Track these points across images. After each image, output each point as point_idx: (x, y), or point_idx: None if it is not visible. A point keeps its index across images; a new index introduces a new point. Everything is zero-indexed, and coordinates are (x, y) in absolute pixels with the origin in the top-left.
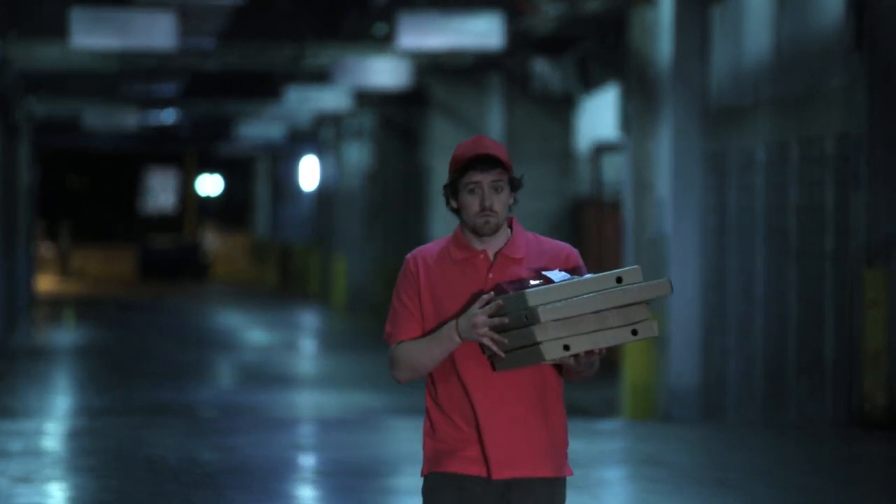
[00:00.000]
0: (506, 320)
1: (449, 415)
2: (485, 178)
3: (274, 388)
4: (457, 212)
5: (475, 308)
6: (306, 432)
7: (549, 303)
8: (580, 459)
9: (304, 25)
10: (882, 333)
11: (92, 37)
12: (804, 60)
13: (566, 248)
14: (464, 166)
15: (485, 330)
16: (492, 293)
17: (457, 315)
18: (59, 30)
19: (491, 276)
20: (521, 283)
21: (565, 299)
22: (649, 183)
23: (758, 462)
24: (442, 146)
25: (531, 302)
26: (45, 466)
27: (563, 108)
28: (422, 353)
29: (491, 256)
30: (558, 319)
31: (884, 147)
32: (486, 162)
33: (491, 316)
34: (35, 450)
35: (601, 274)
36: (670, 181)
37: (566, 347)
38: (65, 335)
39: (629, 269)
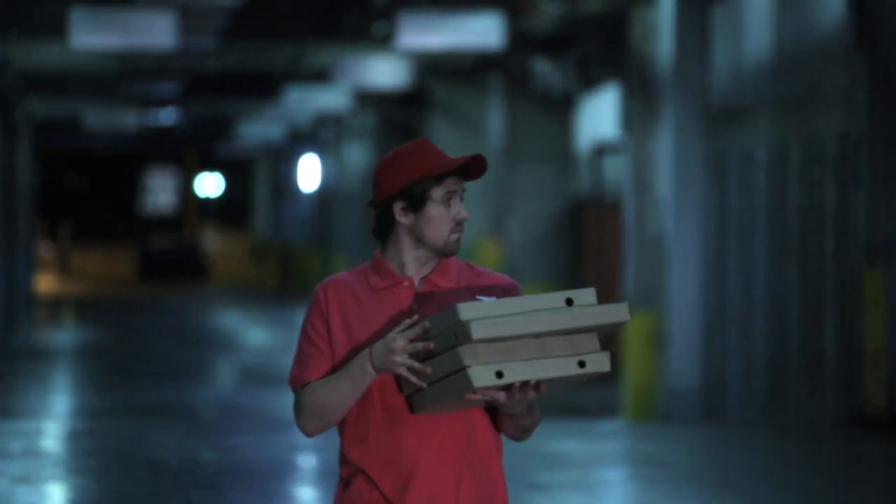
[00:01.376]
0: (431, 345)
1: (369, 474)
2: (458, 187)
3: (274, 389)
4: (383, 233)
5: (395, 332)
6: None
7: (485, 318)
8: (580, 460)
9: (304, 25)
10: (882, 333)
11: (92, 36)
12: (805, 60)
13: (505, 280)
14: (444, 173)
15: (403, 357)
16: (415, 317)
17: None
18: (59, 30)
19: (415, 306)
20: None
21: (504, 315)
22: (649, 183)
23: (758, 462)
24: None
25: (464, 315)
26: (44, 467)
27: (563, 108)
28: (328, 392)
29: (417, 283)
30: (493, 340)
31: (884, 147)
32: (463, 170)
33: (414, 341)
34: (35, 450)
35: (549, 294)
36: (671, 181)
37: (499, 375)
38: (64, 335)
39: (582, 291)
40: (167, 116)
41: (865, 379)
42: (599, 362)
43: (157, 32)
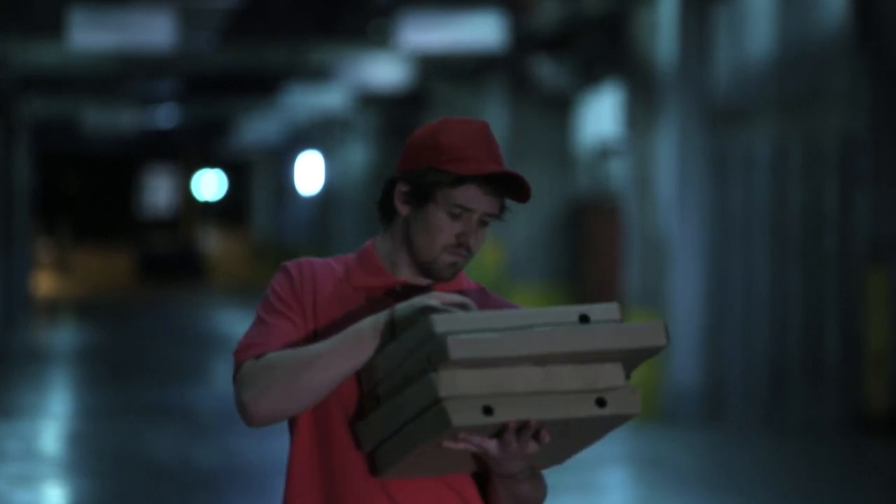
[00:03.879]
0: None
1: None
2: (482, 206)
3: None
4: (387, 212)
5: (427, 295)
6: None
7: (467, 331)
8: (582, 461)
9: (303, 25)
10: (884, 334)
11: (91, 36)
12: (807, 60)
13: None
14: (468, 175)
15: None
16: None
17: (347, 386)
18: (57, 29)
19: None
20: None
21: (493, 330)
22: (651, 182)
23: (760, 463)
24: None
25: (439, 327)
26: (42, 468)
27: (565, 108)
28: (301, 355)
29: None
30: (479, 363)
31: (886, 147)
32: (504, 186)
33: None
34: (33, 451)
35: (558, 307)
36: (672, 181)
37: (487, 411)
38: (63, 336)
39: (601, 306)
40: (166, 116)
41: (867, 380)
42: (626, 401)
43: (155, 31)
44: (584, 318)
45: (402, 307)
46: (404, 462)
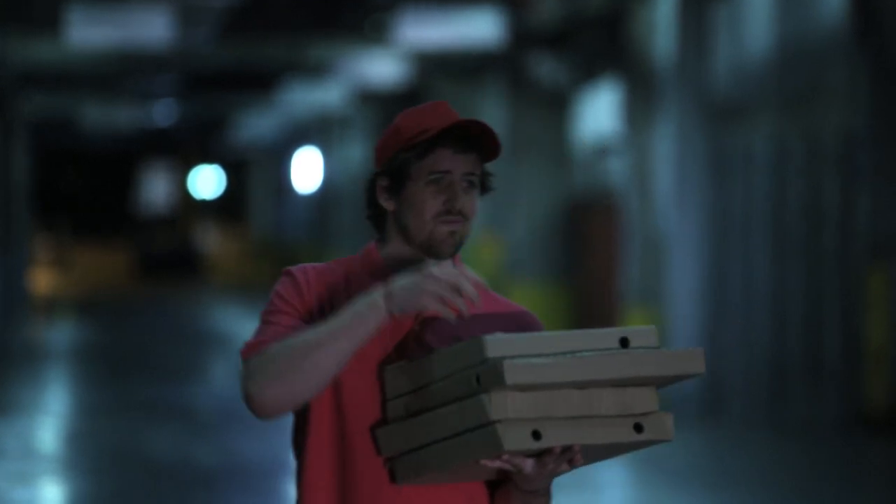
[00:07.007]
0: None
1: None
2: (457, 166)
3: None
4: (379, 219)
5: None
6: None
7: (521, 356)
8: None
9: (302, 22)
10: (884, 332)
11: (89, 33)
12: (806, 57)
13: (527, 313)
14: (428, 141)
15: (439, 286)
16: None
17: (358, 381)
18: (56, 26)
19: (417, 328)
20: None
21: (543, 355)
22: (650, 180)
23: (759, 462)
24: None
25: (492, 351)
26: (41, 466)
27: (563, 105)
28: (302, 338)
29: None
30: (531, 386)
31: (886, 144)
32: (466, 138)
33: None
34: (31, 449)
35: (597, 330)
36: (672, 178)
37: (536, 436)
38: (61, 333)
39: (640, 329)
40: (164, 113)
41: (867, 378)
42: (661, 428)
43: (154, 28)
44: (623, 342)
45: (400, 284)
46: (427, 475)
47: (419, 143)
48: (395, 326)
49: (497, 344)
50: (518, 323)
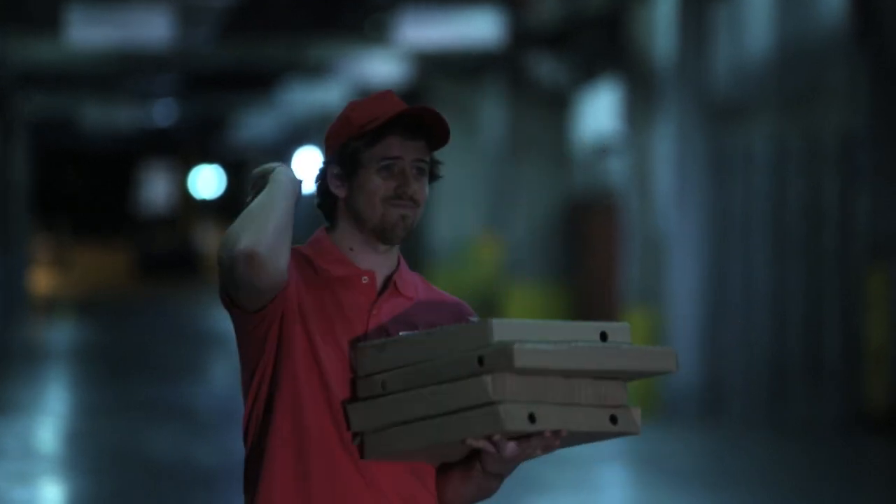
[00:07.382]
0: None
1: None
2: (407, 153)
3: None
4: (328, 207)
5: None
6: None
7: (527, 341)
8: (580, 458)
9: (301, 21)
10: (884, 332)
11: (89, 32)
12: (806, 57)
13: (462, 303)
14: (378, 128)
15: None
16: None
17: (336, 367)
18: (55, 26)
19: (374, 311)
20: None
21: (549, 342)
22: (650, 180)
23: (759, 462)
24: None
25: (499, 335)
26: (41, 465)
27: (563, 105)
28: (273, 202)
29: (378, 282)
30: (529, 371)
31: (886, 144)
32: (415, 126)
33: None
34: (31, 449)
35: (578, 322)
36: (672, 178)
37: (531, 419)
38: (61, 333)
39: (616, 325)
40: (164, 113)
41: (867, 378)
42: (631, 421)
43: (154, 28)
44: (603, 336)
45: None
46: (403, 451)
47: (369, 130)
48: (362, 304)
49: (503, 328)
50: (454, 312)
